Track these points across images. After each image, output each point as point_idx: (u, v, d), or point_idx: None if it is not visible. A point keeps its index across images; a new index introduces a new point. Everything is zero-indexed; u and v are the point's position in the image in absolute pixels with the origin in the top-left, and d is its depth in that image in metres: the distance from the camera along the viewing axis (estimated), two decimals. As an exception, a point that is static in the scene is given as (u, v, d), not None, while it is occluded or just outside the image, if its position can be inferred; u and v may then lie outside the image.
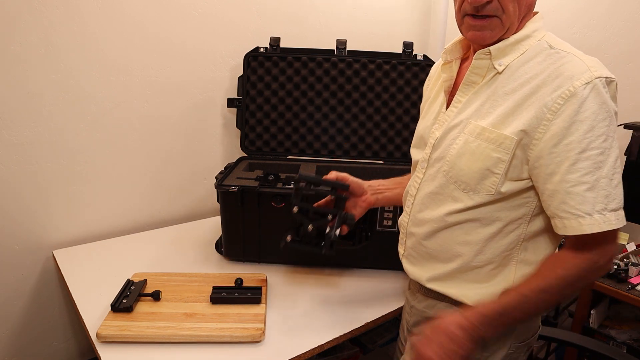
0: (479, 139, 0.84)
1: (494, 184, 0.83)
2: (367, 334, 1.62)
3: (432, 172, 0.93)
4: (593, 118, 0.75)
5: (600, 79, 0.76)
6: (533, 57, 0.82)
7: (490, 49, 0.84)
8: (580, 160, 0.75)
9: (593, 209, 0.76)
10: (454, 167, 0.87)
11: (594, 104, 0.75)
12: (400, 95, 1.73)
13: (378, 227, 1.38)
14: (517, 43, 0.84)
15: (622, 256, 1.55)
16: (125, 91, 1.58)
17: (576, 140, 0.75)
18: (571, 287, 0.81)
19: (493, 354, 0.93)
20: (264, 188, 1.36)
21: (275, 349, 1.06)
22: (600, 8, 1.74)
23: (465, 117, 0.87)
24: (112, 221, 1.67)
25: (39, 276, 1.53)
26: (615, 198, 0.76)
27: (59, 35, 1.40)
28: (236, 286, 1.23)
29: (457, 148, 0.87)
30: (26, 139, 1.42)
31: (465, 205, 0.87)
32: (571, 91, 0.75)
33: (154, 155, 1.71)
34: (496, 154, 0.81)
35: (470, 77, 0.88)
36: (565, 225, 0.78)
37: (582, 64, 0.77)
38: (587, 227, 0.76)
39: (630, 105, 1.72)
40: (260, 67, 1.71)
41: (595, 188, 0.75)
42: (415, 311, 1.04)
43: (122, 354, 1.02)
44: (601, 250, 0.79)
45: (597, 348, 1.02)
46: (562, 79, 0.77)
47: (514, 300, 0.81)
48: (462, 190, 0.87)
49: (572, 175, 0.76)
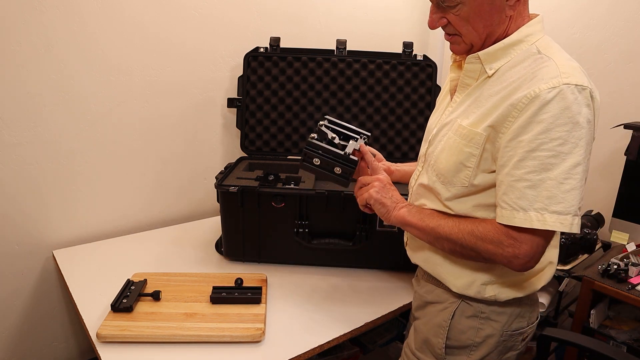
0: (455, 135, 0.90)
1: (467, 176, 0.88)
2: (367, 334, 1.62)
3: (427, 165, 0.99)
4: (551, 121, 0.76)
5: (569, 86, 0.76)
6: (521, 62, 0.85)
7: (479, 54, 0.88)
8: (528, 158, 0.78)
9: (531, 206, 0.78)
10: (437, 161, 0.93)
11: (555, 108, 0.76)
12: (400, 95, 1.73)
13: (378, 227, 1.38)
14: (508, 47, 0.86)
15: (622, 256, 1.55)
16: (125, 91, 1.58)
17: (527, 140, 0.78)
18: (468, 247, 0.87)
19: (485, 340, 0.96)
20: (264, 188, 1.36)
21: (275, 349, 1.06)
22: (600, 8, 1.74)
23: (455, 117, 0.92)
24: (112, 221, 1.67)
25: (39, 276, 1.53)
26: (561, 202, 0.77)
27: (59, 35, 1.40)
28: (236, 286, 1.23)
29: (442, 144, 0.93)
30: (26, 139, 1.42)
31: (443, 197, 0.92)
32: (536, 92, 0.78)
33: (154, 155, 1.71)
34: (468, 148, 0.87)
35: (464, 80, 0.93)
36: (503, 215, 0.82)
37: (555, 70, 0.79)
38: (518, 221, 0.80)
39: (630, 105, 1.72)
40: (260, 67, 1.71)
41: (537, 187, 0.78)
42: (418, 296, 1.10)
43: (122, 354, 1.02)
44: (522, 246, 0.81)
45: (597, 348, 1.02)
46: (533, 82, 0.79)
47: (426, 222, 0.92)
48: (441, 183, 0.92)
49: (517, 170, 0.80)
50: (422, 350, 1.03)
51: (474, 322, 0.96)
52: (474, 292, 0.94)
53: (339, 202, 1.37)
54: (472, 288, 0.94)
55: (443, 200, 0.93)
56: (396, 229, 1.38)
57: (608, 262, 1.50)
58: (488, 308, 0.95)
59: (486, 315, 0.96)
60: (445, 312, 0.99)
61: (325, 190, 1.36)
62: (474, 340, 0.97)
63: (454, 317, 0.97)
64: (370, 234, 1.39)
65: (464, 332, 0.97)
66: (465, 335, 0.97)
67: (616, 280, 1.46)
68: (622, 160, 1.63)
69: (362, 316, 1.20)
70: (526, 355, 1.05)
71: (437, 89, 1.72)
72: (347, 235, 1.41)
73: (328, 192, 1.35)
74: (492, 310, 0.95)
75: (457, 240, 0.88)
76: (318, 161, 0.99)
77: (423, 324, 1.04)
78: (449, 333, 0.98)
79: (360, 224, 1.39)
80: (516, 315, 0.97)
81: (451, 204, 0.92)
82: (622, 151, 1.62)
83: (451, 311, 0.98)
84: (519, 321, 0.98)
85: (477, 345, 0.97)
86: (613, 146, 1.75)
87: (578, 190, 0.78)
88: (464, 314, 0.97)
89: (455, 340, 0.98)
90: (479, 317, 0.96)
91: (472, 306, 0.96)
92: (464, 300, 0.97)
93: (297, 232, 1.40)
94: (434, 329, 1.00)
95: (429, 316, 1.03)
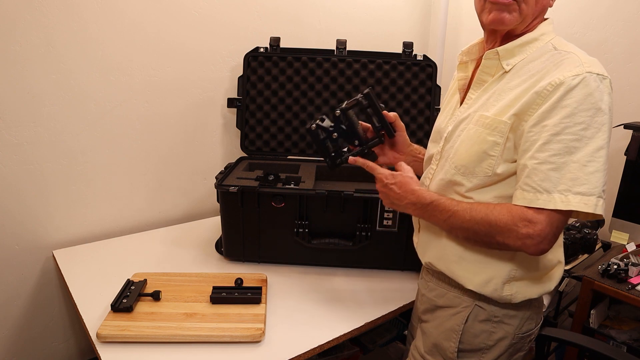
0: (476, 126, 0.90)
1: (490, 165, 0.88)
2: (367, 334, 1.62)
3: (443, 162, 0.99)
4: (575, 106, 0.79)
5: (591, 74, 0.79)
6: (538, 58, 0.88)
7: (498, 50, 0.90)
8: (552, 142, 0.80)
9: (555, 188, 0.79)
10: (456, 153, 0.94)
11: (580, 94, 0.79)
12: (400, 95, 1.73)
13: (378, 227, 1.38)
14: (525, 45, 0.90)
15: (622, 256, 1.55)
16: (125, 91, 1.58)
17: (552, 124, 0.80)
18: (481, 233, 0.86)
19: (497, 343, 0.97)
20: (264, 188, 1.36)
21: (275, 349, 1.06)
22: (600, 8, 1.74)
23: (473, 111, 0.94)
24: (112, 221, 1.67)
25: (39, 276, 1.53)
26: (585, 183, 0.78)
27: (59, 35, 1.40)
28: (236, 286, 1.23)
29: (461, 137, 0.94)
30: (26, 139, 1.42)
31: (465, 188, 0.92)
32: (560, 79, 0.80)
33: (154, 155, 1.71)
34: (492, 137, 0.87)
35: (480, 76, 0.95)
36: (525, 197, 0.82)
37: (578, 60, 0.82)
38: (542, 202, 0.80)
39: (630, 105, 1.72)
40: (260, 67, 1.71)
41: (561, 170, 0.79)
42: (426, 299, 1.09)
43: (122, 354, 1.02)
44: (536, 227, 0.80)
45: (597, 348, 1.02)
46: (557, 71, 0.82)
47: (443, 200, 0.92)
48: (462, 174, 0.92)
49: (541, 154, 0.80)
50: (432, 354, 1.03)
51: (487, 325, 0.97)
52: (490, 289, 0.93)
53: (339, 202, 1.37)
54: (489, 285, 0.93)
55: (464, 192, 0.93)
56: (396, 229, 1.38)
57: (608, 262, 1.50)
58: (501, 311, 0.96)
59: (499, 318, 0.96)
60: (458, 317, 0.98)
61: (325, 190, 1.36)
62: (486, 344, 0.97)
63: (467, 321, 0.97)
64: (370, 234, 1.39)
65: (477, 335, 0.97)
66: (478, 339, 0.97)
67: (616, 280, 1.46)
68: (622, 160, 1.63)
69: (362, 316, 1.20)
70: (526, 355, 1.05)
71: (437, 89, 1.72)
72: (347, 235, 1.41)
73: (328, 192, 1.35)
74: (504, 313, 0.96)
75: (471, 220, 0.87)
76: (314, 147, 1.08)
77: (433, 327, 1.04)
78: (462, 337, 0.98)
79: (360, 224, 1.39)
80: (527, 317, 0.98)
81: (472, 194, 0.92)
82: (622, 151, 1.62)
83: (464, 316, 0.97)
84: (529, 323, 0.99)
85: (490, 348, 0.97)
86: (613, 146, 1.75)
87: (602, 173, 0.79)
88: (477, 318, 0.97)
89: (468, 344, 0.98)
90: (492, 321, 0.96)
91: (485, 310, 0.96)
92: (477, 304, 0.97)
93: (297, 232, 1.40)
94: (446, 333, 1.00)
95: (439, 320, 1.03)
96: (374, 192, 1.35)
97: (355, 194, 1.35)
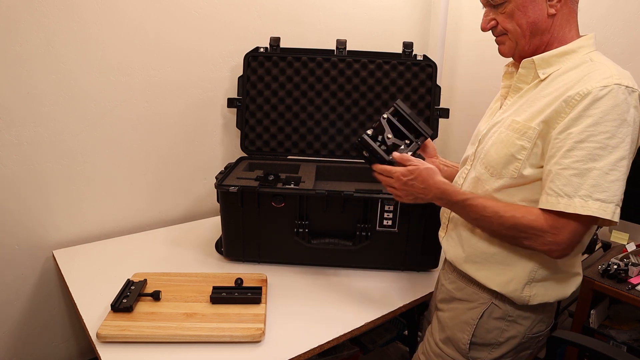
0: (507, 130, 0.94)
1: (516, 168, 0.92)
2: (367, 334, 1.62)
3: (475, 162, 1.04)
4: (601, 116, 0.81)
5: (620, 86, 0.81)
6: (573, 69, 0.90)
7: (534, 59, 0.93)
8: (576, 149, 0.82)
9: (575, 193, 0.82)
10: (487, 154, 0.98)
11: (606, 105, 0.81)
12: (400, 95, 1.73)
13: (378, 227, 1.38)
14: (562, 55, 0.92)
15: (622, 256, 1.55)
16: (125, 91, 1.58)
17: (577, 131, 0.82)
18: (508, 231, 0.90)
19: (508, 340, 1.01)
20: (264, 188, 1.36)
21: (275, 349, 1.06)
22: (600, 8, 1.74)
23: (507, 115, 0.97)
24: (112, 221, 1.67)
25: (39, 276, 1.53)
26: (606, 190, 0.81)
27: (59, 35, 1.40)
28: (236, 286, 1.23)
29: (493, 140, 0.98)
30: (26, 139, 1.42)
31: (492, 188, 0.96)
32: (588, 89, 0.82)
33: (154, 155, 1.71)
34: (520, 141, 0.91)
35: (517, 84, 0.99)
36: (548, 201, 0.85)
37: (608, 72, 0.84)
38: (562, 206, 0.83)
39: (630, 105, 1.71)
40: (260, 67, 1.71)
41: (583, 176, 0.81)
42: (444, 289, 1.13)
43: (122, 354, 1.02)
44: (562, 232, 0.84)
45: (597, 347, 1.02)
46: (586, 81, 0.85)
47: (472, 202, 0.94)
48: (490, 174, 0.97)
49: (565, 159, 0.83)
50: (446, 343, 1.08)
51: (500, 323, 1.00)
52: (511, 289, 0.97)
53: (339, 202, 1.37)
54: (510, 285, 0.97)
55: (492, 192, 0.96)
56: (396, 229, 1.38)
57: (608, 262, 1.50)
58: (516, 312, 0.99)
59: (513, 318, 1.00)
60: (474, 312, 1.02)
61: (325, 190, 1.36)
62: (497, 340, 1.01)
63: (482, 317, 1.01)
64: (370, 234, 1.39)
65: (489, 331, 1.01)
66: (490, 334, 1.01)
67: (616, 280, 1.46)
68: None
69: (362, 316, 1.20)
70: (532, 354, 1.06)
71: (437, 89, 1.72)
72: (347, 235, 1.41)
73: (328, 192, 1.35)
74: (519, 314, 0.99)
75: (500, 226, 0.90)
76: (367, 154, 1.11)
77: (449, 318, 1.08)
78: (475, 331, 1.02)
79: (360, 224, 1.39)
80: (539, 320, 1.02)
81: (499, 195, 0.95)
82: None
83: (480, 311, 1.01)
84: (540, 325, 1.03)
85: (500, 345, 1.01)
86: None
87: (621, 182, 0.82)
88: (492, 315, 1.01)
89: (480, 338, 1.02)
90: (506, 320, 1.00)
91: (501, 309, 1.00)
92: (493, 302, 1.00)
93: (297, 232, 1.40)
94: (460, 325, 1.04)
95: (455, 312, 1.07)
96: (374, 192, 1.35)
97: (355, 194, 1.35)
